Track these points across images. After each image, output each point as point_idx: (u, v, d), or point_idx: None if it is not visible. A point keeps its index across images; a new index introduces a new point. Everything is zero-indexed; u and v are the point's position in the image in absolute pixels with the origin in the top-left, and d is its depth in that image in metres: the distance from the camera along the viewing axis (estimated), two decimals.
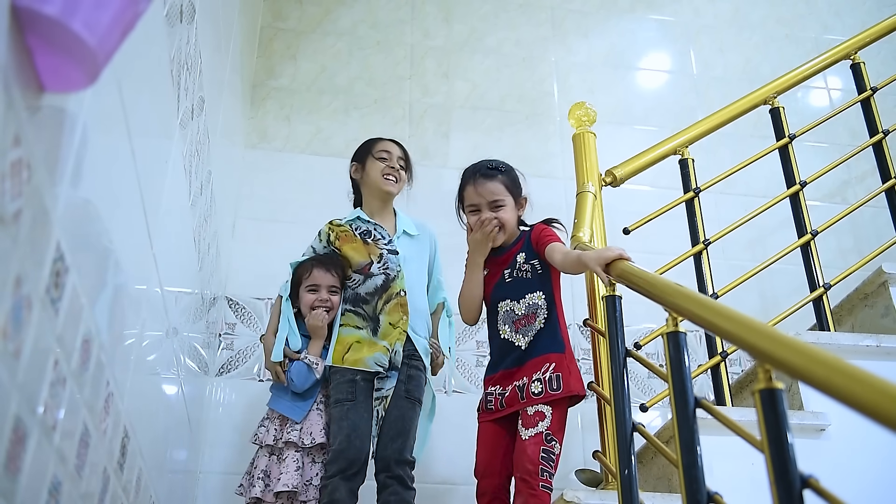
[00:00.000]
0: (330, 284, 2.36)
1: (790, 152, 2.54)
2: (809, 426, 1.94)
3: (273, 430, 2.23)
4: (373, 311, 2.34)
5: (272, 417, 2.27)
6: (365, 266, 2.38)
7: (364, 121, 3.40)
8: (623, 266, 1.75)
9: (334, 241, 2.44)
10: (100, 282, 1.19)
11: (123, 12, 0.82)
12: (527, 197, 2.28)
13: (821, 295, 2.31)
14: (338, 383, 2.26)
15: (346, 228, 2.46)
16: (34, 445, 0.90)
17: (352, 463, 2.13)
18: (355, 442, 2.15)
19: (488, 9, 3.81)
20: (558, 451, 1.93)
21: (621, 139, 3.10)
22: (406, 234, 2.48)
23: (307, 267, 2.38)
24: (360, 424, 2.19)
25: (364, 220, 2.48)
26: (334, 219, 2.51)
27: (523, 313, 2.10)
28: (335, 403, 2.23)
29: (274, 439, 2.22)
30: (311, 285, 2.36)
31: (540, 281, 2.12)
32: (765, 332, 1.17)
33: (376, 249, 2.40)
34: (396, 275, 2.37)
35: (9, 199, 0.78)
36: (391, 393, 2.27)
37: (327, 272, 2.36)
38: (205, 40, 1.99)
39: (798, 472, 1.03)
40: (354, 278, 2.39)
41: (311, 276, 2.36)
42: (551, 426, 1.93)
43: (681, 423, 1.32)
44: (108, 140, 1.18)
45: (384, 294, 2.35)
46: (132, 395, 1.46)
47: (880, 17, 3.06)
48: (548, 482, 1.88)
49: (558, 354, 2.03)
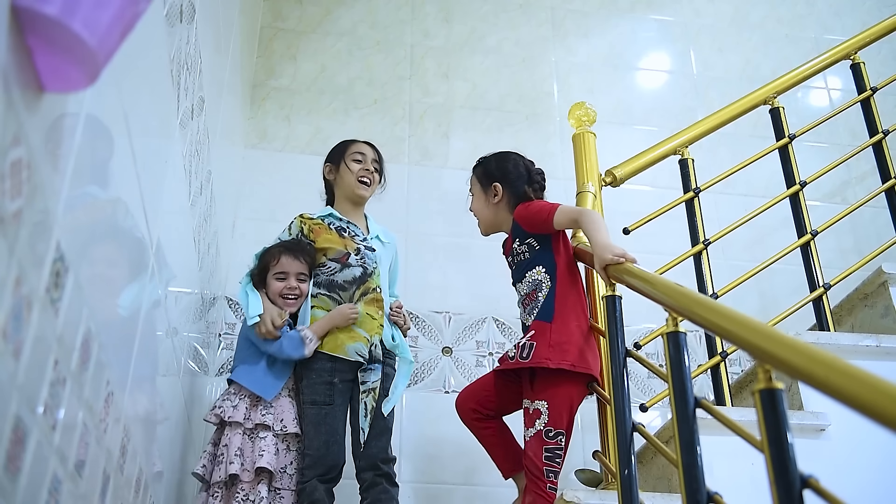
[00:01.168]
0: (298, 272, 2.30)
1: (790, 152, 2.54)
2: (809, 426, 1.94)
3: (243, 409, 2.12)
4: (349, 298, 2.31)
5: (240, 394, 2.15)
6: (343, 256, 2.35)
7: (364, 121, 3.40)
8: (621, 267, 1.75)
9: (308, 234, 2.41)
10: (99, 281, 1.19)
11: (123, 12, 0.82)
12: (497, 184, 2.21)
13: (821, 295, 2.31)
14: (314, 383, 2.21)
15: (318, 222, 2.43)
16: (34, 445, 0.90)
17: (330, 469, 2.14)
18: (333, 448, 2.15)
19: (488, 9, 3.81)
20: (565, 443, 1.90)
21: (621, 139, 3.10)
22: (378, 240, 2.48)
23: (274, 254, 2.31)
24: (338, 429, 2.18)
25: (337, 217, 2.46)
26: (304, 212, 2.48)
27: (526, 292, 2.08)
28: (311, 404, 2.19)
29: (244, 418, 2.11)
30: (279, 272, 2.29)
31: (539, 256, 2.07)
32: (765, 332, 1.17)
33: (353, 244, 2.38)
34: (373, 271, 2.36)
35: (9, 198, 0.78)
36: (378, 385, 2.25)
37: (295, 259, 2.30)
38: (205, 40, 1.99)
39: (798, 472, 1.03)
40: (330, 266, 2.34)
41: (279, 262, 2.29)
42: (550, 420, 1.88)
43: (681, 423, 1.32)
44: (107, 140, 1.18)
45: (362, 286, 2.33)
46: (132, 395, 1.46)
47: (880, 17, 3.06)
48: (554, 483, 1.87)
49: (542, 323, 1.97)
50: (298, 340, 2.19)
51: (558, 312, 1.98)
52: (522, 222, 2.10)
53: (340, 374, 2.23)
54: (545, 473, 1.86)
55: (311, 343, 2.20)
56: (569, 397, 1.93)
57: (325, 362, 2.23)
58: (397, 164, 3.33)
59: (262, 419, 2.11)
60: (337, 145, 2.60)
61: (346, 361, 2.23)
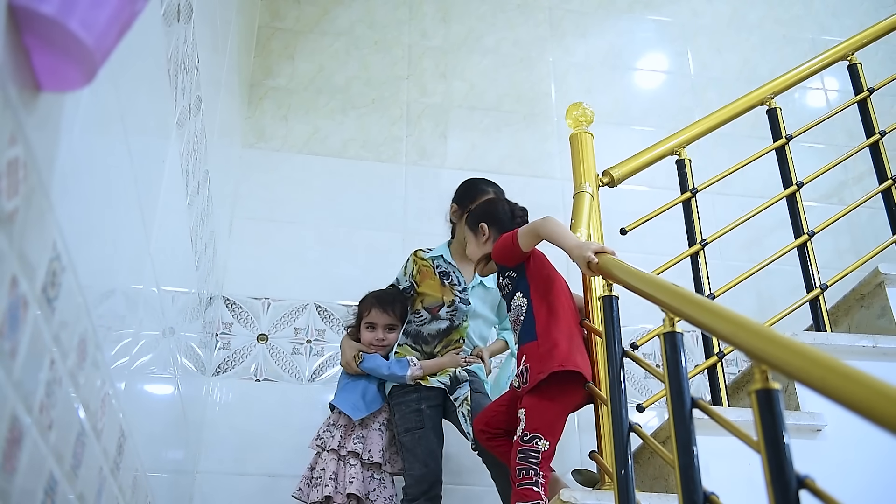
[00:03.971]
0: (386, 323, 2.49)
1: (787, 153, 2.54)
2: (806, 427, 1.94)
3: (338, 436, 2.34)
4: (431, 352, 2.47)
5: (338, 424, 2.37)
6: (436, 307, 2.49)
7: (361, 121, 3.41)
8: (610, 260, 1.79)
9: (415, 275, 2.54)
10: (96, 281, 1.19)
11: (120, 11, 0.82)
12: (483, 224, 2.25)
13: (817, 295, 2.31)
14: (404, 414, 2.39)
15: (427, 264, 2.55)
16: (30, 445, 0.90)
17: (433, 485, 2.31)
18: (431, 465, 2.32)
19: (486, 9, 3.81)
20: (543, 447, 1.92)
21: (619, 139, 3.10)
22: (482, 286, 2.54)
23: (367, 305, 2.52)
24: (434, 448, 2.36)
25: (446, 260, 2.56)
26: (420, 249, 2.61)
27: (512, 319, 2.14)
28: (405, 432, 2.37)
29: (338, 444, 2.32)
30: (369, 323, 2.50)
31: (518, 284, 2.14)
32: (761, 332, 1.17)
33: (450, 294, 2.49)
34: (460, 324, 2.49)
35: (5, 198, 0.78)
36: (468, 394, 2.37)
37: (384, 312, 2.50)
38: (202, 40, 1.99)
39: (794, 473, 1.03)
40: (422, 315, 2.50)
41: (370, 314, 2.50)
42: (527, 425, 1.93)
43: (677, 423, 1.32)
44: (105, 139, 1.18)
45: (444, 338, 2.48)
46: (129, 394, 1.46)
47: (877, 18, 3.06)
48: (526, 478, 1.89)
49: (530, 344, 2.03)
50: (406, 362, 2.40)
51: (539, 328, 2.03)
52: (497, 257, 2.16)
53: (426, 400, 2.40)
54: (517, 473, 1.90)
55: (416, 369, 2.39)
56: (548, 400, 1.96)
57: (411, 393, 2.41)
58: (395, 163, 3.33)
59: (353, 447, 2.33)
60: (468, 188, 2.61)
61: (430, 388, 2.40)
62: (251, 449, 2.71)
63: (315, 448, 2.36)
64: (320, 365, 2.89)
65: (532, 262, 2.14)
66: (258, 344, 2.88)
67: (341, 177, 3.26)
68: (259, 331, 2.90)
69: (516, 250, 2.08)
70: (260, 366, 2.84)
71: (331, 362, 2.90)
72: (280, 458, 2.70)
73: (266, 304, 2.94)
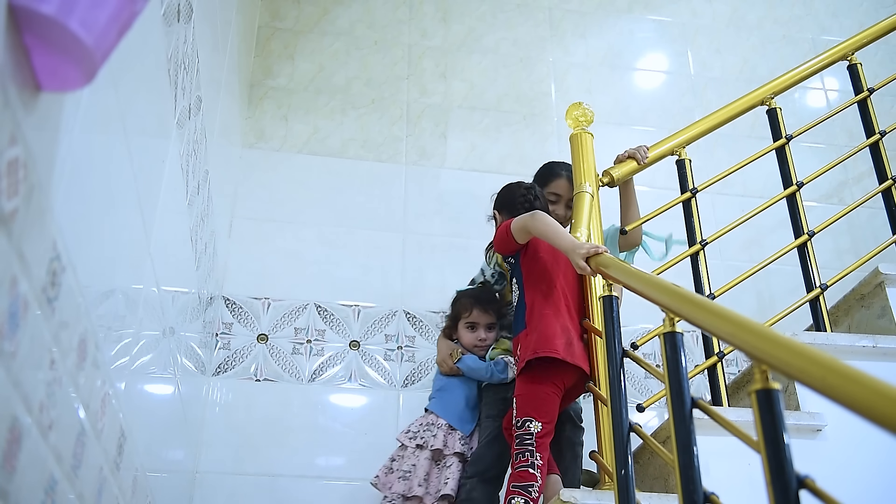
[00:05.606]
0: (488, 323, 2.46)
1: (787, 153, 2.54)
2: (806, 427, 1.94)
3: (441, 437, 2.29)
4: None
5: (437, 424, 2.33)
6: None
7: (361, 120, 3.40)
8: (609, 260, 1.80)
9: (501, 264, 2.47)
10: (96, 281, 1.19)
11: (120, 11, 0.82)
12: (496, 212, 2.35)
13: (817, 295, 2.31)
14: (491, 400, 2.35)
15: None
16: (30, 445, 0.90)
17: (489, 466, 2.20)
18: (495, 447, 2.21)
19: (486, 9, 3.81)
20: (535, 428, 1.94)
21: (619, 140, 3.09)
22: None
23: (466, 305, 2.47)
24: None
25: None
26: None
27: (514, 305, 2.19)
28: (487, 417, 2.32)
29: (443, 444, 2.28)
30: (470, 322, 2.45)
31: (514, 272, 2.20)
32: (761, 332, 1.17)
33: None
34: None
35: (5, 198, 0.78)
36: None
37: (485, 312, 2.45)
38: (202, 39, 1.99)
39: (794, 473, 1.03)
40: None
41: (472, 315, 2.45)
42: (518, 412, 1.98)
43: (677, 423, 1.32)
44: (104, 139, 1.18)
45: None
46: (129, 394, 1.46)
47: (877, 18, 3.06)
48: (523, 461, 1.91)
49: (520, 334, 2.09)
50: (504, 365, 2.35)
51: (528, 317, 2.07)
52: (496, 245, 2.22)
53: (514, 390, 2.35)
54: (514, 456, 1.93)
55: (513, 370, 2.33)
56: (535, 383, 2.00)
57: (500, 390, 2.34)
58: (395, 164, 3.33)
59: (461, 447, 2.28)
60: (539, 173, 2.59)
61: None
62: (251, 449, 2.71)
63: (408, 444, 2.31)
64: (320, 365, 2.89)
65: (526, 252, 2.17)
66: (258, 344, 2.88)
67: (341, 177, 3.26)
68: (259, 331, 2.90)
69: (510, 240, 2.13)
70: (260, 366, 2.84)
71: (331, 362, 2.90)
72: (280, 458, 2.70)
73: (266, 304, 2.94)
